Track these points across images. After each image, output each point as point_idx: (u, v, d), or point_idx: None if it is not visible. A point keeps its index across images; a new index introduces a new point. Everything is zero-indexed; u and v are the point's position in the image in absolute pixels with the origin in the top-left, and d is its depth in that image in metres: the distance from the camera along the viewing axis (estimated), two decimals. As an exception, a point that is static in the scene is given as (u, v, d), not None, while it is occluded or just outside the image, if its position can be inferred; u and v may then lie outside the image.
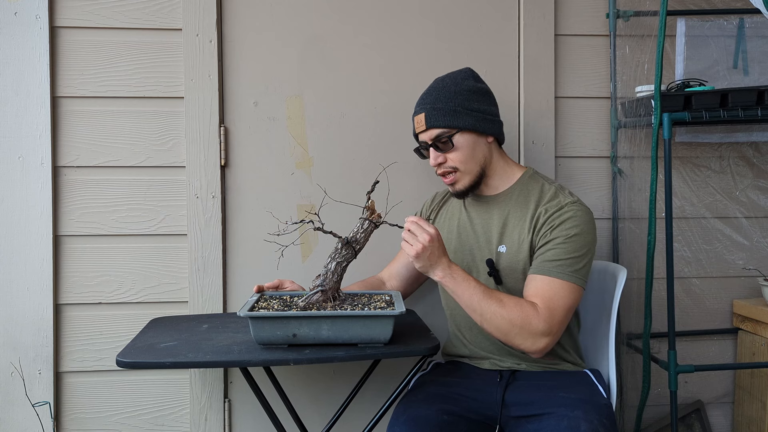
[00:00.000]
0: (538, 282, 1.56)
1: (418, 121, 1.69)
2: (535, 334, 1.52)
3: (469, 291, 1.53)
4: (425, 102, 1.69)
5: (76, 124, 1.95)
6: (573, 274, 1.56)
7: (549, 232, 1.60)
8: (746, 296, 2.19)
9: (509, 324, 1.51)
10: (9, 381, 1.92)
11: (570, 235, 1.57)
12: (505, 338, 1.54)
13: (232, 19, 2.01)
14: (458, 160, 1.66)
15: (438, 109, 1.65)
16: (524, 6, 2.06)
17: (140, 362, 1.44)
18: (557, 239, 1.58)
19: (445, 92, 1.67)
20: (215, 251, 1.98)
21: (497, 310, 1.51)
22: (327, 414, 1.94)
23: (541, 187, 1.69)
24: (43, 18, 1.91)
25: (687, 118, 1.82)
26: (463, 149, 1.65)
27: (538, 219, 1.62)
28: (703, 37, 2.11)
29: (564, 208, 1.61)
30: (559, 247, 1.57)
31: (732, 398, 2.21)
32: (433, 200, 1.90)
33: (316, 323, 1.45)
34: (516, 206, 1.68)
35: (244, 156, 2.02)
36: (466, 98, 1.66)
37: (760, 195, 2.17)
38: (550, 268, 1.56)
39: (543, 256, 1.59)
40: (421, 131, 1.68)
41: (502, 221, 1.68)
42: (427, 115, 1.66)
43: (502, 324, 1.52)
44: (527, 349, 1.54)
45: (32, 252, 1.92)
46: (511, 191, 1.71)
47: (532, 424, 1.50)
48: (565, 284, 1.55)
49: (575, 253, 1.57)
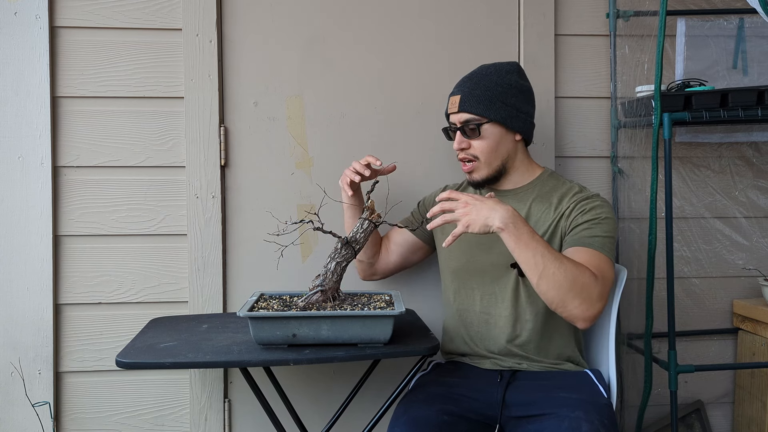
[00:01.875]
0: (583, 253, 1.55)
1: (452, 102, 1.70)
2: (592, 298, 1.47)
3: (532, 243, 1.46)
4: (464, 85, 1.70)
5: (76, 124, 1.95)
6: (610, 251, 1.59)
7: (581, 215, 1.62)
8: (746, 296, 2.19)
9: (571, 282, 1.45)
10: (9, 381, 1.92)
11: (603, 217, 1.62)
12: (563, 298, 1.46)
13: (232, 19, 2.01)
14: (481, 149, 1.67)
15: (475, 95, 1.66)
16: (524, 6, 2.06)
17: (140, 362, 1.44)
18: (593, 220, 1.61)
19: (486, 81, 1.68)
20: (215, 251, 1.98)
21: (561, 266, 1.45)
22: (327, 414, 1.94)
23: (563, 185, 1.73)
24: (43, 18, 1.91)
25: (687, 118, 1.82)
26: (489, 140, 1.67)
27: (567, 208, 1.65)
28: (703, 37, 2.11)
29: (592, 198, 1.66)
30: (596, 225, 1.60)
31: (732, 398, 2.21)
32: (444, 191, 1.87)
33: (316, 323, 1.46)
34: (538, 199, 1.70)
35: (244, 156, 2.02)
36: (505, 91, 1.68)
37: (760, 195, 2.17)
38: (593, 243, 1.58)
39: (582, 233, 1.60)
40: (453, 112, 1.70)
41: (524, 213, 1.69)
42: (462, 98, 1.67)
43: (564, 281, 1.45)
44: (581, 313, 1.48)
45: (32, 252, 1.92)
46: (531, 187, 1.73)
47: (533, 425, 1.50)
48: (608, 259, 1.57)
49: (609, 233, 1.61)
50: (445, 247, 1.50)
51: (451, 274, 1.80)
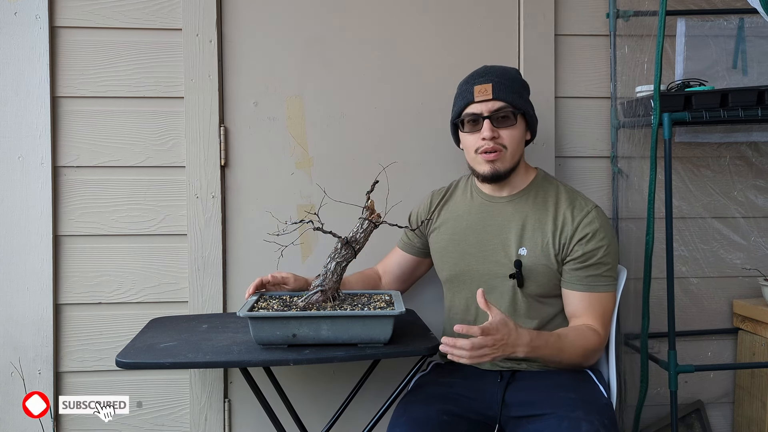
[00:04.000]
0: (590, 299, 1.63)
1: (482, 90, 1.64)
2: (598, 353, 1.65)
3: (548, 349, 1.53)
4: (490, 74, 1.67)
5: (76, 124, 1.95)
6: (613, 283, 1.66)
7: (583, 244, 1.63)
8: (744, 296, 2.19)
9: (582, 358, 1.61)
10: (9, 381, 1.92)
11: (605, 246, 1.63)
12: (577, 366, 1.65)
13: (232, 19, 2.01)
14: (511, 139, 1.65)
15: (506, 85, 1.65)
16: (524, 6, 2.06)
17: (140, 362, 1.45)
18: (596, 252, 1.63)
19: (510, 74, 1.69)
20: (215, 251, 1.98)
21: (572, 352, 1.58)
22: (327, 414, 1.94)
23: (555, 189, 1.72)
24: (43, 18, 1.91)
25: (687, 118, 1.82)
26: (519, 130, 1.68)
27: (564, 226, 1.65)
28: (703, 37, 2.11)
29: (590, 215, 1.65)
30: (600, 261, 1.63)
31: (732, 398, 2.21)
32: (431, 202, 1.87)
33: (316, 323, 1.45)
34: (534, 209, 1.69)
35: (244, 156, 2.02)
36: (524, 87, 1.72)
37: (759, 195, 2.17)
38: (599, 283, 1.63)
39: (586, 270, 1.63)
40: (484, 100, 1.64)
41: (520, 224, 1.68)
42: (495, 86, 1.64)
43: (576, 360, 1.61)
44: (589, 365, 1.67)
45: (32, 252, 1.92)
46: (526, 193, 1.72)
47: (533, 425, 1.50)
48: (610, 295, 1.66)
49: (612, 263, 1.66)
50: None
51: (445, 283, 1.81)
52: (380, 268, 1.94)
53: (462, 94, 1.70)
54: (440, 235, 1.80)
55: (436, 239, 1.81)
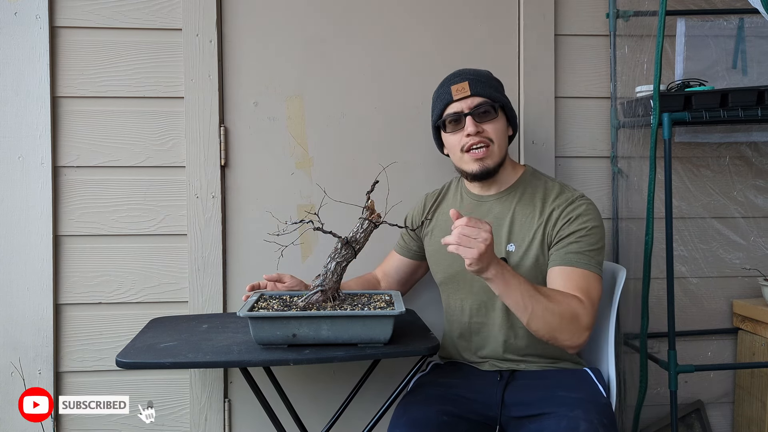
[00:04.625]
0: (570, 273, 1.56)
1: (459, 89, 1.66)
2: (581, 328, 1.49)
3: (519, 288, 1.46)
4: (465, 73, 1.69)
5: (76, 124, 1.95)
6: (598, 266, 1.59)
7: (567, 225, 1.61)
8: (744, 296, 2.19)
9: (559, 318, 1.47)
10: (9, 381, 1.92)
11: (589, 227, 1.60)
12: (551, 334, 1.49)
13: (232, 19, 2.01)
14: (495, 131, 1.66)
15: (482, 82, 1.67)
16: (524, 6, 2.06)
17: (140, 362, 1.44)
18: (579, 232, 1.60)
19: (483, 73, 1.72)
20: (215, 251, 1.98)
21: (547, 305, 1.46)
22: (327, 414, 1.94)
23: (544, 184, 1.71)
24: (43, 18, 1.91)
25: (687, 118, 1.82)
26: (501, 123, 1.69)
27: (551, 214, 1.64)
28: (703, 37, 2.11)
29: (575, 201, 1.64)
30: (582, 240, 1.59)
31: (732, 398, 2.21)
32: (425, 204, 1.89)
33: (316, 323, 1.45)
34: (521, 204, 1.69)
35: (244, 156, 2.02)
36: (500, 85, 1.74)
37: (758, 195, 2.17)
38: (580, 260, 1.57)
39: (567, 248, 1.59)
40: (462, 98, 1.65)
41: (509, 220, 1.68)
42: (471, 83, 1.66)
43: (552, 319, 1.47)
44: (570, 343, 1.50)
45: (32, 252, 1.92)
46: (514, 190, 1.72)
47: (533, 424, 1.50)
48: (595, 276, 1.57)
49: (596, 245, 1.60)
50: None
51: (440, 285, 1.81)
52: (379, 272, 1.95)
53: (440, 97, 1.72)
54: (433, 238, 1.80)
55: (430, 242, 1.82)
